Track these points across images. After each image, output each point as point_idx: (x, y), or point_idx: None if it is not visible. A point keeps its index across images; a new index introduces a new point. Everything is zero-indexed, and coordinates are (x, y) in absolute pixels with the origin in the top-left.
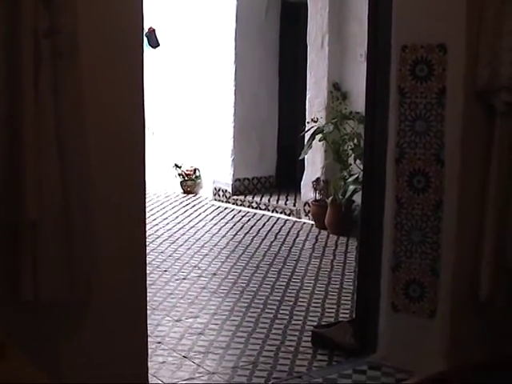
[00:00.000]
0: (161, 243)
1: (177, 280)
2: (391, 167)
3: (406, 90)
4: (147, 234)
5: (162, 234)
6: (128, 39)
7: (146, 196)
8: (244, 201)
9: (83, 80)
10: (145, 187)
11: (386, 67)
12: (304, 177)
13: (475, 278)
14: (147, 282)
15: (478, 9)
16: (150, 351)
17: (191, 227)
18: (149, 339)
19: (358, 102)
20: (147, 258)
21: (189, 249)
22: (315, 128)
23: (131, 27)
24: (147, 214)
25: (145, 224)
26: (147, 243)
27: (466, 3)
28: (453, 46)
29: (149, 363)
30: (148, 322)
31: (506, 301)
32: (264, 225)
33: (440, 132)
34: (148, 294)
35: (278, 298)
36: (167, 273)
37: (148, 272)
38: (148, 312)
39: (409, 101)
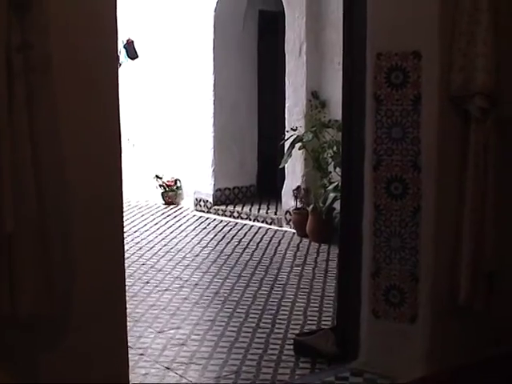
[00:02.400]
0: (142, 255)
1: (159, 291)
2: (369, 174)
3: (382, 98)
4: (129, 245)
5: (144, 246)
6: (102, 52)
7: (128, 207)
8: (225, 210)
9: (57, 94)
10: (122, 198)
11: (361, 75)
12: (284, 185)
13: (454, 282)
14: (129, 294)
15: (451, 16)
16: (132, 363)
17: (173, 238)
18: (131, 351)
19: (337, 109)
20: (129, 270)
21: (170, 260)
22: (295, 137)
23: (105, 40)
24: (128, 226)
25: (123, 235)
26: (129, 255)
27: (439, 11)
28: (427, 52)
29: (131, 375)
30: (130, 333)
31: (484, 304)
32: (245, 234)
33: (416, 138)
34: (130, 306)
35: (260, 307)
36: (149, 284)
37: (130, 284)
38: (130, 324)
39: (385, 108)
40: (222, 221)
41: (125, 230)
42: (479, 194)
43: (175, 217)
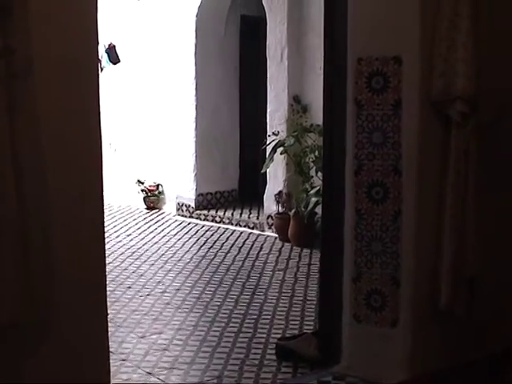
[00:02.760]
0: (124, 260)
1: (141, 296)
2: (350, 179)
3: (363, 102)
4: (111, 250)
5: (126, 251)
6: (83, 57)
7: (110, 212)
8: (207, 215)
9: (38, 98)
10: (103, 204)
11: (342, 80)
12: (266, 190)
13: (435, 286)
14: (111, 299)
15: (432, 21)
16: (114, 369)
17: (155, 243)
18: (113, 356)
19: (319, 114)
20: (111, 275)
21: (152, 265)
22: (276, 141)
23: (86, 46)
24: (110, 231)
25: (104, 240)
26: (110, 260)
27: (420, 16)
28: (407, 57)
29: (113, 380)
30: (112, 339)
31: (465, 309)
32: (227, 239)
33: (397, 143)
34: (112, 311)
35: (242, 312)
36: (131, 289)
37: (112, 289)
38: (112, 329)
39: (366, 113)
40: (204, 225)
41: (107, 234)
42: (460, 199)
43: (157, 222)
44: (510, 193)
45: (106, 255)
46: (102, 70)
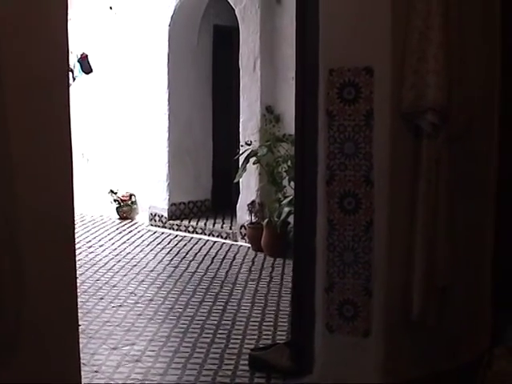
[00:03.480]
0: (96, 270)
1: (113, 307)
2: (322, 189)
3: (335, 113)
4: (83, 261)
5: (98, 261)
6: (53, 66)
7: (82, 222)
8: (180, 225)
9: (7, 107)
10: (73, 213)
11: (314, 90)
12: (239, 200)
13: (407, 296)
14: (83, 311)
15: (403, 33)
16: (86, 380)
17: (127, 253)
18: (85, 368)
19: (291, 124)
20: (83, 286)
21: (125, 275)
22: (249, 151)
23: (56, 54)
24: (83, 241)
25: (75, 251)
26: (83, 271)
27: (391, 27)
28: (379, 68)
29: None
30: (84, 350)
31: (437, 318)
32: (201, 249)
33: (368, 154)
34: (84, 323)
35: (215, 322)
36: (103, 300)
37: (84, 300)
38: (84, 341)
39: (337, 123)
40: (176, 235)
41: (79, 245)
42: (431, 209)
43: (130, 232)
44: (480, 202)
45: (78, 266)
46: (74, 79)
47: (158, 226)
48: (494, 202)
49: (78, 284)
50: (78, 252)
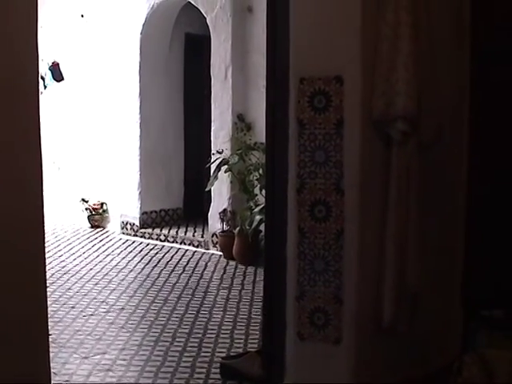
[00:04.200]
0: (68, 279)
1: (84, 316)
2: (293, 197)
3: (305, 122)
4: (54, 270)
5: (70, 270)
6: (22, 74)
7: (53, 231)
8: (152, 234)
9: None
10: (43, 222)
11: (285, 99)
12: (211, 208)
13: (378, 303)
14: (54, 320)
15: (373, 42)
16: None
17: (99, 262)
18: (56, 378)
19: (263, 132)
20: (54, 295)
21: (96, 284)
22: (221, 159)
23: (26, 63)
24: (54, 250)
25: (45, 260)
26: (54, 280)
27: (361, 36)
28: (349, 77)
29: None
30: (55, 360)
31: (407, 326)
32: (172, 257)
33: (339, 162)
34: (55, 332)
35: (187, 331)
36: (74, 309)
37: (55, 309)
38: (55, 350)
39: (308, 132)
40: (148, 244)
41: (50, 253)
42: (402, 217)
43: (101, 240)
44: (450, 209)
45: (49, 275)
46: (45, 87)
47: (130, 235)
48: (465, 209)
49: (48, 293)
50: (48, 261)
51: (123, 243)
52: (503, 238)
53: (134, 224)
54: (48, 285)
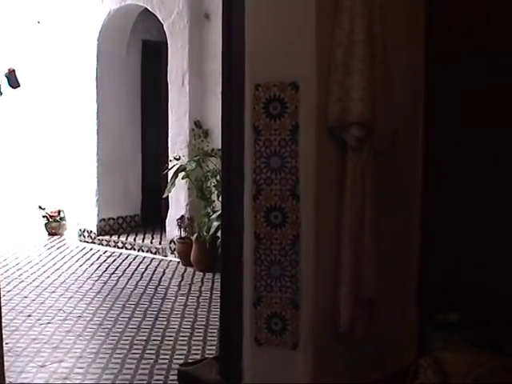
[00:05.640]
0: (24, 287)
1: (41, 324)
2: (249, 203)
3: (261, 128)
4: (10, 278)
5: (26, 278)
6: None
7: (10, 239)
8: (109, 241)
9: None
10: None
11: (240, 105)
12: (168, 215)
13: (335, 308)
14: (10, 329)
15: (328, 48)
16: None
17: (56, 270)
18: None
19: (220, 139)
20: (10, 304)
21: (53, 292)
22: (178, 166)
23: None
24: (10, 258)
25: None
26: (10, 288)
27: (316, 42)
28: (304, 83)
29: None
30: (11, 369)
31: (365, 331)
32: (130, 264)
33: (294, 168)
34: (11, 341)
35: (145, 338)
36: (31, 317)
37: (11, 318)
38: (11, 359)
39: (263, 138)
40: (106, 251)
41: (7, 262)
42: (357, 222)
43: (59, 248)
44: (406, 214)
45: (6, 283)
46: (1, 94)
47: (87, 242)
48: (420, 214)
49: (5, 301)
50: (5, 269)
51: (80, 251)
52: (458, 243)
53: (91, 231)
54: (4, 293)
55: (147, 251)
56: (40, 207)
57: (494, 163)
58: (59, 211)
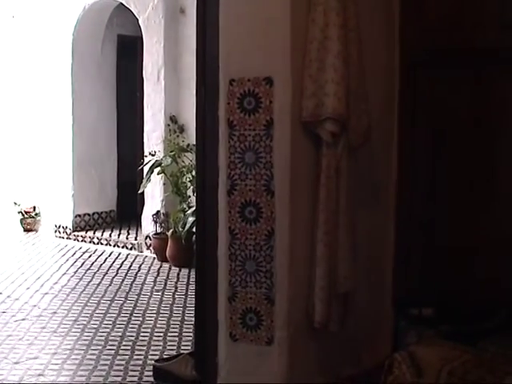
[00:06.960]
0: None
1: (15, 321)
2: (223, 199)
3: (235, 123)
4: None
5: (0, 274)
6: None
7: None
8: (85, 236)
9: None
10: None
11: (215, 100)
12: (144, 210)
13: (310, 303)
14: None
15: (303, 43)
16: None
17: (31, 266)
18: None
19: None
20: None
21: (28, 288)
22: (153, 161)
23: None
24: None
25: None
26: None
27: (291, 37)
28: (279, 78)
29: None
30: None
31: (339, 325)
32: (105, 260)
33: (269, 163)
34: None
35: (120, 334)
36: (5, 314)
37: None
38: None
39: (238, 133)
40: (81, 247)
41: None
42: (332, 217)
43: (34, 244)
44: (380, 210)
45: None
46: None
47: (63, 238)
48: (395, 209)
49: None
50: None
51: (56, 246)
52: (432, 238)
53: (66, 227)
54: None
55: (123, 247)
56: (15, 203)
57: (468, 156)
58: (34, 207)
